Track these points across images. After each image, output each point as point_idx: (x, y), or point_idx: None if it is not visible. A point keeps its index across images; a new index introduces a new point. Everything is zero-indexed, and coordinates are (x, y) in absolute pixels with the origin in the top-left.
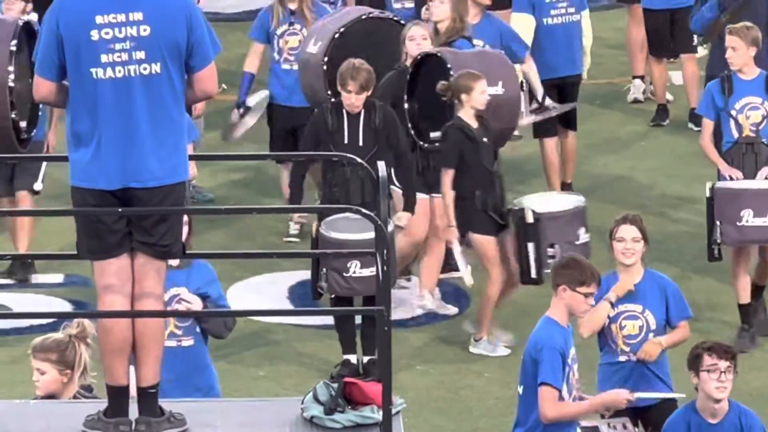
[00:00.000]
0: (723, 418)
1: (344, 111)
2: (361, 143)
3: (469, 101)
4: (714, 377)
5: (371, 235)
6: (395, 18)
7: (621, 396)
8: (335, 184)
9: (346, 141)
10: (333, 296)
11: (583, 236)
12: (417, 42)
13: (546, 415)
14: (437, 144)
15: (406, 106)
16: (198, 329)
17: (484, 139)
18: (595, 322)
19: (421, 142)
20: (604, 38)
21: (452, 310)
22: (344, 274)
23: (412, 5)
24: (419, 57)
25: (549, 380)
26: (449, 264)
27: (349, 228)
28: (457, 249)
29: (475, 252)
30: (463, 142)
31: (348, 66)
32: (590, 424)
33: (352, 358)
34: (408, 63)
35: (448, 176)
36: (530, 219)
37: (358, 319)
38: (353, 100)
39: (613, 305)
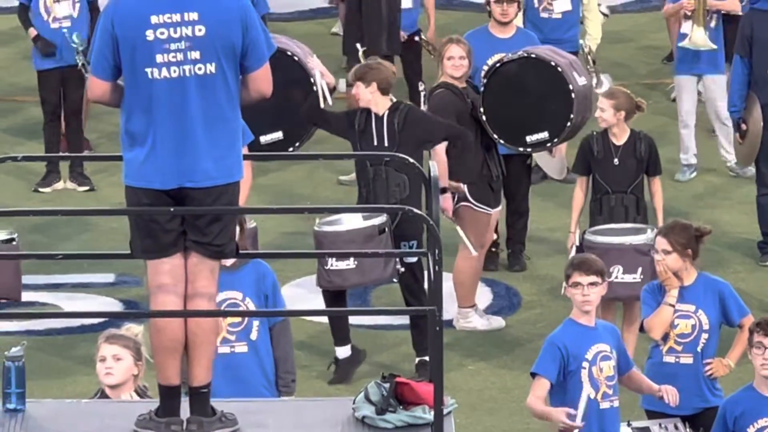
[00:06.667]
0: None
1: (372, 113)
2: (386, 144)
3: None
4: (758, 354)
5: (360, 225)
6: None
7: (560, 416)
8: (363, 184)
9: (375, 142)
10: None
11: None
12: (454, 63)
13: (527, 402)
14: (548, 145)
15: (484, 118)
16: (254, 336)
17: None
18: (658, 324)
19: (521, 149)
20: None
21: (500, 321)
22: (325, 266)
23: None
24: (498, 65)
25: (533, 369)
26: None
27: (340, 221)
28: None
29: None
30: None
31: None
32: (641, 425)
33: (339, 352)
34: (448, 80)
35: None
36: None
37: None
38: (354, 89)
39: (674, 307)
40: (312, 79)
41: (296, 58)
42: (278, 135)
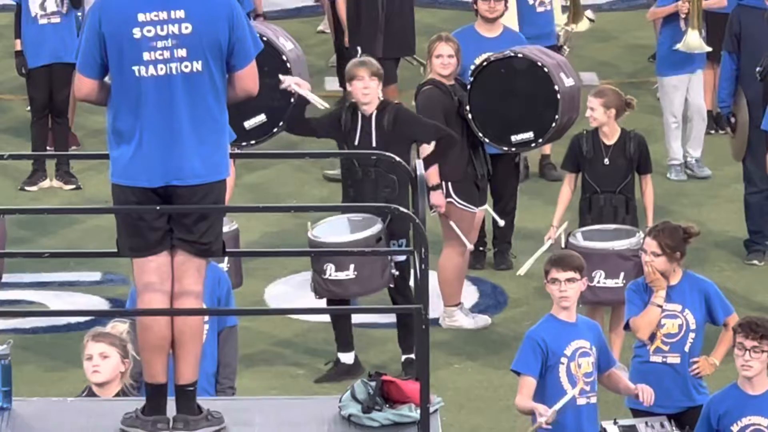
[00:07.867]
0: (764, 390)
1: (359, 112)
2: (374, 144)
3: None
4: (740, 354)
5: (359, 236)
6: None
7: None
8: (350, 184)
9: (357, 142)
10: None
11: None
12: (443, 61)
13: (515, 401)
14: (533, 145)
15: (470, 116)
16: None
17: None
18: (646, 325)
19: (505, 148)
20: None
21: (486, 320)
22: (323, 276)
23: None
24: (484, 64)
25: (516, 366)
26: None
27: (336, 231)
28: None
29: None
30: None
31: (354, 60)
32: (628, 423)
33: (343, 357)
34: (436, 77)
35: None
36: None
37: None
38: (367, 83)
39: (662, 308)
40: (287, 64)
41: (265, 38)
42: (261, 118)
